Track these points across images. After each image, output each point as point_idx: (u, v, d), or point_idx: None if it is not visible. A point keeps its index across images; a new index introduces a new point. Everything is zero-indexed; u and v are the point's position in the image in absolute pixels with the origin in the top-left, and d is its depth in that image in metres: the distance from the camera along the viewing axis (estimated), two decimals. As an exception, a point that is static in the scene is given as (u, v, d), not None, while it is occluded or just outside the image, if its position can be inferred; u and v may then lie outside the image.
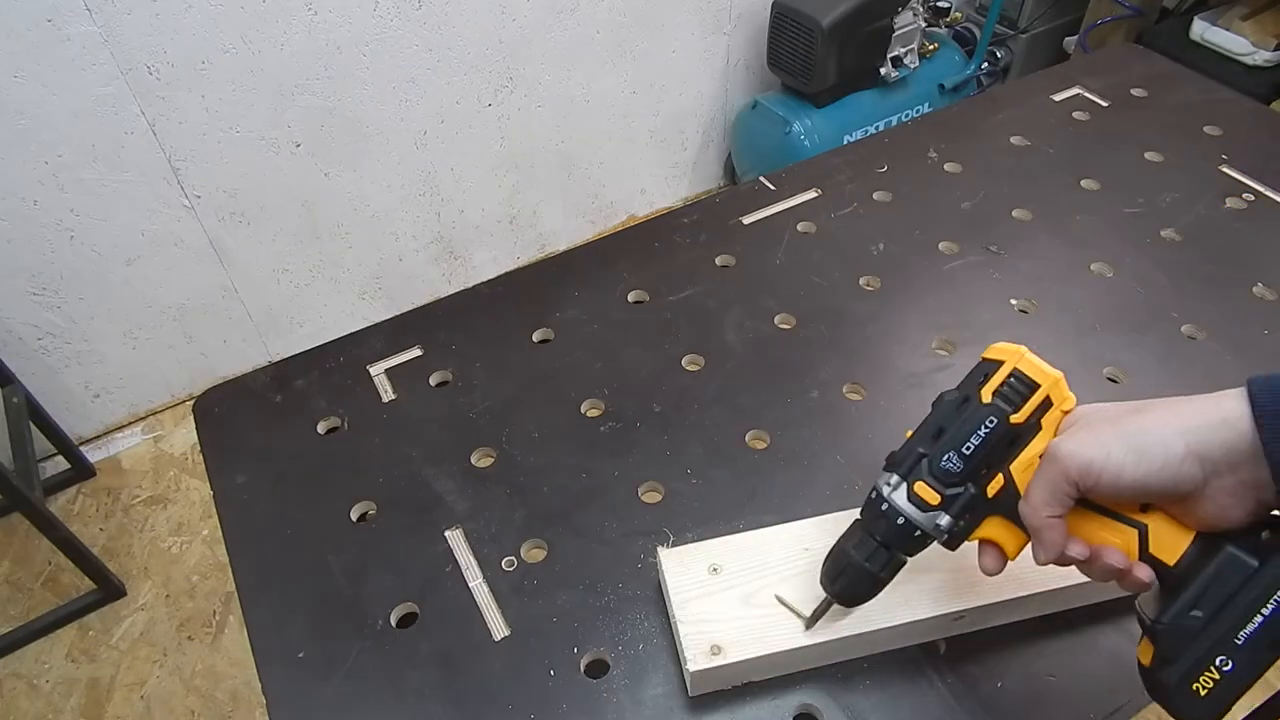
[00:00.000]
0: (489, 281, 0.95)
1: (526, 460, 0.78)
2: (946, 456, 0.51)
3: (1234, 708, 0.46)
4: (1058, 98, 1.16)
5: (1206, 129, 1.08)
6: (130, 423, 1.93)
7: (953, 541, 0.54)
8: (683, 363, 0.85)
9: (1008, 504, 0.51)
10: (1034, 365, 0.51)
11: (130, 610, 1.62)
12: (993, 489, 0.52)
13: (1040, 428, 0.51)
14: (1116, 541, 0.49)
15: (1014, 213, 0.99)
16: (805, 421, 0.79)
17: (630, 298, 0.92)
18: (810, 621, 0.60)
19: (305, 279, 1.92)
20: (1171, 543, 0.48)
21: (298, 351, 0.89)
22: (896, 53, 2.07)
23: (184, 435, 1.90)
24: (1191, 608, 0.47)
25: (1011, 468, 0.51)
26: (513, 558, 0.71)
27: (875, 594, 0.57)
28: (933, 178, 1.05)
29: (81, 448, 1.84)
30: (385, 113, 1.78)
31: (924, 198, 1.02)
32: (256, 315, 1.92)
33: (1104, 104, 1.14)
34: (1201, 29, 2.04)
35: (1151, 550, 0.48)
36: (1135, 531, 0.48)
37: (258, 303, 1.90)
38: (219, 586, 1.65)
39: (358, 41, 1.66)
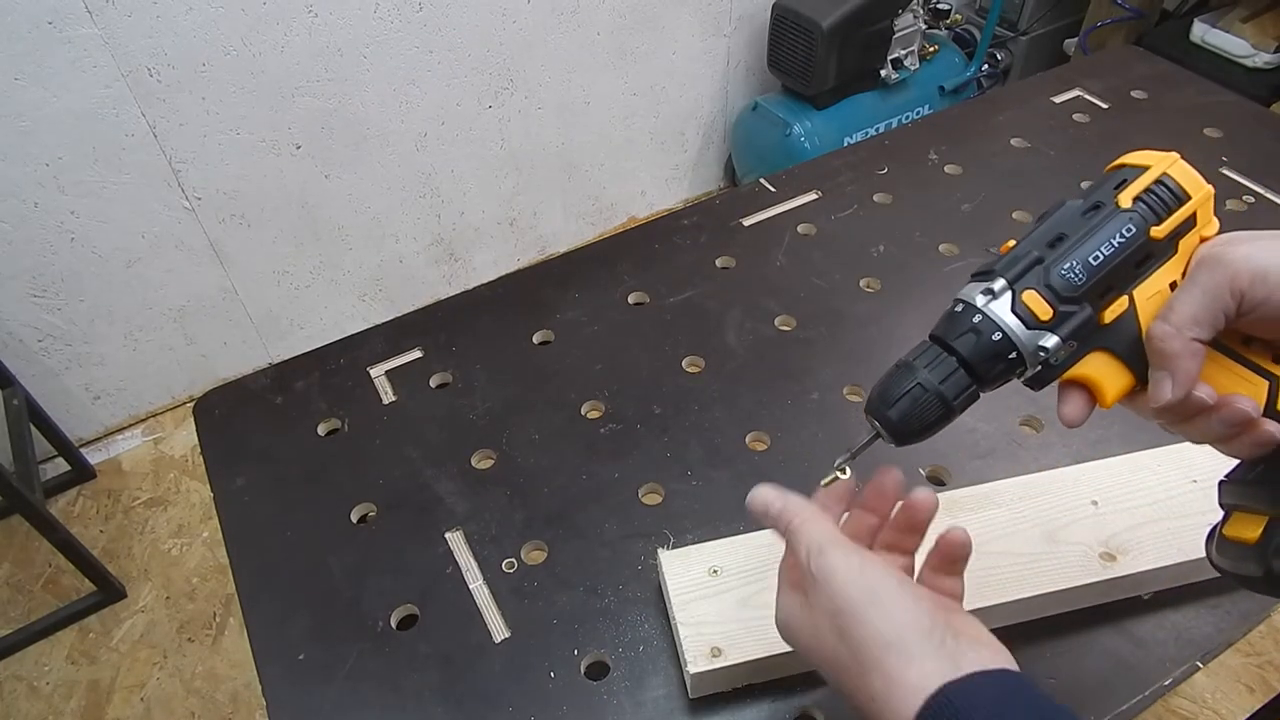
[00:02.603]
0: (489, 283, 0.95)
1: (527, 462, 0.78)
2: (1069, 264, 0.42)
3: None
4: (1058, 100, 1.16)
5: (1207, 131, 1.08)
6: (130, 424, 1.93)
7: (1045, 375, 0.44)
8: (683, 364, 0.85)
9: (1122, 336, 0.43)
10: (1188, 173, 0.44)
11: (130, 612, 1.62)
12: (1111, 314, 0.43)
13: (1176, 251, 0.44)
14: (1245, 391, 0.42)
15: (1014, 215, 0.99)
16: (806, 423, 0.79)
17: (630, 299, 0.92)
18: (849, 459, 0.49)
19: (305, 281, 1.92)
20: None
21: (298, 353, 0.89)
22: (897, 55, 2.07)
23: (184, 437, 1.90)
24: None
25: (1135, 292, 0.43)
26: (513, 559, 0.71)
27: (940, 428, 0.45)
28: (933, 179, 1.05)
29: (82, 449, 1.84)
30: (386, 115, 1.78)
31: (924, 199, 1.02)
32: (257, 317, 1.92)
33: (1104, 106, 1.14)
34: (1201, 31, 2.04)
35: None
36: (1266, 384, 0.42)
37: (258, 304, 1.90)
38: (219, 588, 1.65)
39: (358, 43, 1.67)
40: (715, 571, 0.64)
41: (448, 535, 0.72)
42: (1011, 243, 0.45)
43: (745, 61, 2.24)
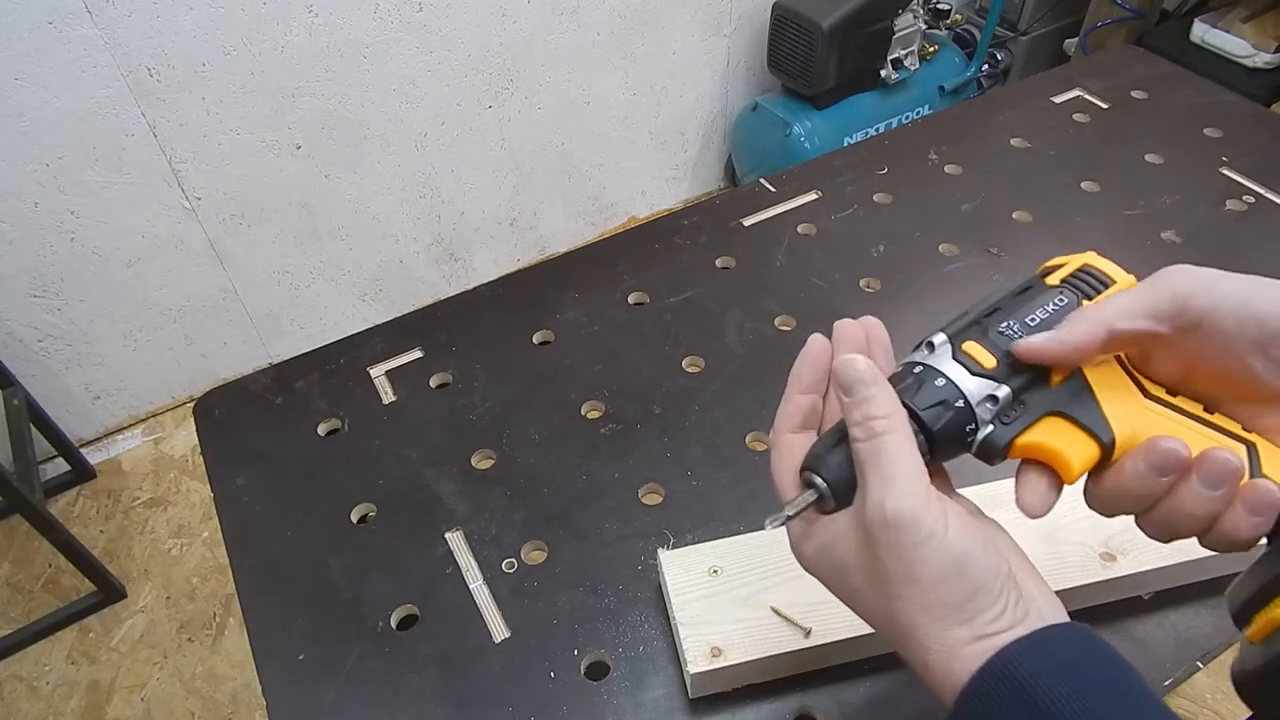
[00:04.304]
0: (489, 283, 0.95)
1: (527, 462, 0.78)
2: (1007, 324, 0.41)
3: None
4: (1058, 100, 1.16)
5: (1207, 131, 1.08)
6: (130, 425, 1.93)
7: (1000, 436, 0.40)
8: (683, 364, 0.85)
9: (1075, 399, 0.40)
10: (1108, 265, 0.43)
11: (130, 612, 1.62)
12: (1057, 377, 0.40)
13: None
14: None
15: (1014, 214, 0.99)
16: (806, 423, 0.79)
17: (630, 299, 0.92)
18: (785, 519, 0.42)
19: (305, 281, 1.92)
20: None
21: (298, 353, 0.89)
22: (897, 55, 2.07)
23: (184, 437, 1.90)
24: None
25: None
26: (513, 559, 0.71)
27: None
28: (933, 179, 1.05)
29: (82, 450, 1.84)
30: (386, 115, 1.78)
31: (924, 199, 1.02)
32: (257, 317, 1.92)
33: (1104, 106, 1.14)
34: (1202, 31, 2.04)
35: (1267, 471, 0.38)
36: (1243, 446, 0.38)
37: (258, 304, 1.90)
38: (219, 588, 1.65)
39: (358, 44, 1.67)
40: (715, 571, 0.64)
41: (448, 535, 0.72)
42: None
43: (745, 61, 2.24)
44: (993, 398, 0.39)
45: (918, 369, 0.41)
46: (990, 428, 0.40)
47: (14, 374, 1.63)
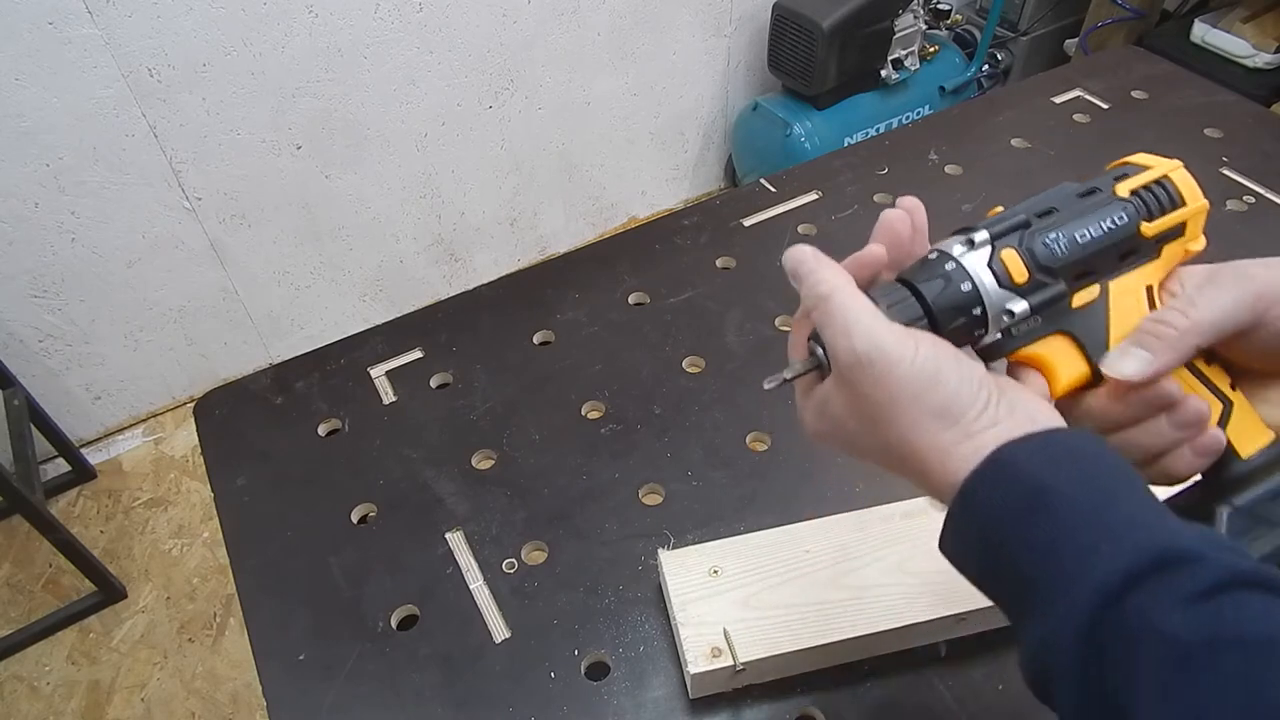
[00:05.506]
0: (489, 284, 0.95)
1: (527, 462, 0.78)
2: (1055, 236, 0.41)
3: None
4: (1058, 100, 1.16)
5: (1207, 131, 1.08)
6: (131, 425, 1.93)
7: (1003, 345, 0.42)
8: (683, 365, 0.85)
9: (1087, 325, 0.42)
10: (1188, 181, 0.43)
11: (131, 612, 1.62)
12: (1081, 299, 0.41)
13: (1159, 255, 0.43)
14: None
15: (1015, 215, 0.99)
16: (806, 423, 0.79)
17: (631, 300, 0.92)
18: (782, 381, 0.46)
19: (306, 281, 1.92)
20: (1253, 433, 0.41)
21: (298, 353, 0.89)
22: (897, 55, 2.07)
23: (185, 437, 1.90)
24: (1275, 497, 0.40)
25: (1111, 284, 0.42)
26: (513, 560, 0.71)
27: None
28: (933, 180, 1.05)
29: (82, 450, 1.84)
30: (386, 115, 1.78)
31: (924, 200, 1.01)
32: (257, 317, 1.92)
33: (1105, 106, 1.14)
34: (1202, 31, 2.04)
35: (1229, 432, 0.41)
36: (1221, 405, 0.42)
37: (258, 305, 1.90)
38: (219, 589, 1.65)
39: (358, 44, 1.67)
40: (715, 572, 0.64)
41: (448, 535, 0.72)
42: (1000, 209, 0.44)
43: (745, 61, 2.24)
44: (1010, 312, 0.40)
45: (950, 265, 0.41)
46: (998, 336, 0.41)
47: (14, 374, 1.63)
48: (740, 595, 0.62)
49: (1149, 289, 0.43)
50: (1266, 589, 0.31)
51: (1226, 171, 1.02)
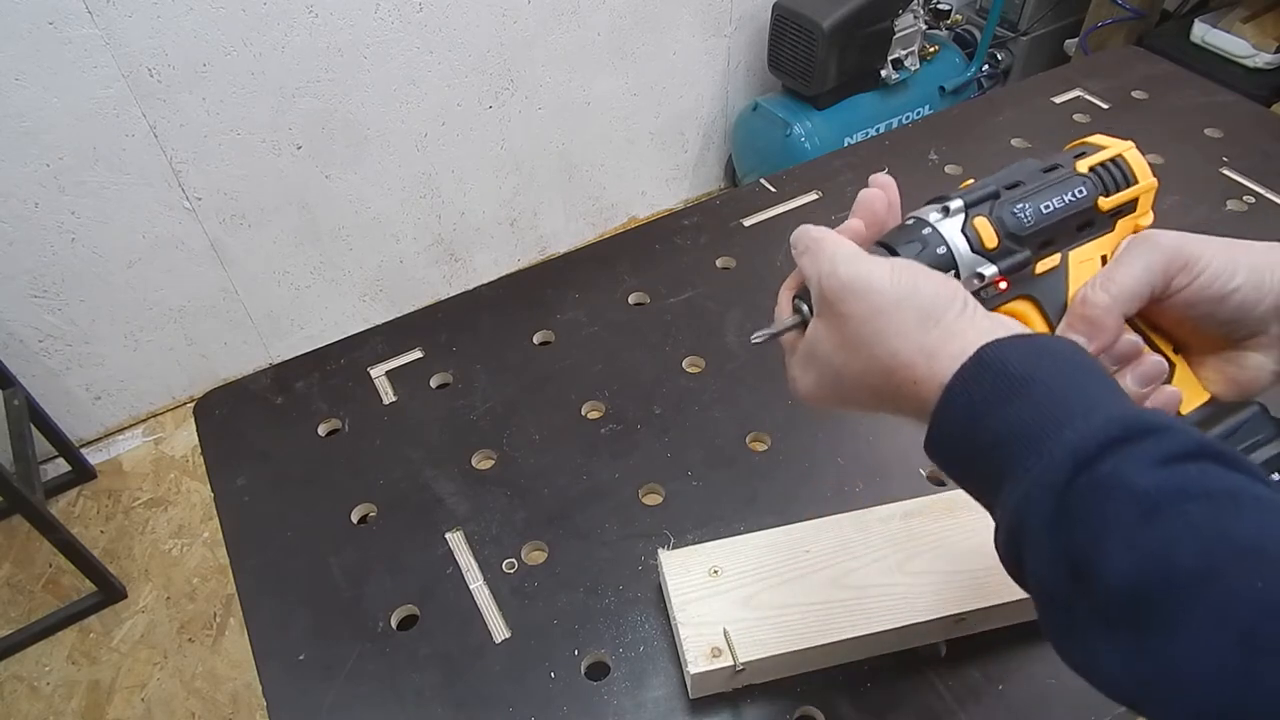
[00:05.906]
0: (489, 284, 0.95)
1: (527, 462, 0.78)
2: (1021, 206, 0.45)
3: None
4: (1058, 100, 1.16)
5: (1207, 131, 1.08)
6: (131, 425, 1.93)
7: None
8: (683, 365, 0.85)
9: (1048, 291, 0.46)
10: (1140, 161, 0.47)
11: (131, 612, 1.62)
12: (1043, 266, 0.46)
13: (1113, 229, 0.47)
14: None
15: (1015, 215, 0.99)
16: (806, 424, 0.79)
17: (631, 300, 0.92)
18: (769, 335, 0.50)
19: (306, 281, 1.92)
20: (1191, 393, 0.45)
21: (298, 353, 0.89)
22: (897, 55, 2.07)
23: (185, 437, 1.90)
24: None
25: (1070, 253, 0.46)
26: (513, 560, 0.71)
27: None
28: (933, 180, 1.05)
29: (82, 450, 1.84)
30: (386, 115, 1.78)
31: (924, 200, 1.02)
32: (257, 317, 1.92)
33: (1105, 106, 1.14)
34: (1202, 31, 2.04)
35: (1174, 382, 0.45)
36: (1165, 364, 0.45)
37: (258, 305, 1.90)
38: (219, 589, 1.65)
39: (358, 44, 1.67)
40: (715, 572, 0.64)
41: (448, 535, 0.72)
42: (971, 181, 0.48)
43: (745, 62, 2.24)
44: (980, 275, 0.44)
45: (926, 230, 0.45)
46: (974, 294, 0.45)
47: (14, 374, 1.63)
48: (740, 595, 0.62)
49: (1103, 258, 0.47)
50: (1229, 463, 0.33)
51: (1226, 171, 1.02)
